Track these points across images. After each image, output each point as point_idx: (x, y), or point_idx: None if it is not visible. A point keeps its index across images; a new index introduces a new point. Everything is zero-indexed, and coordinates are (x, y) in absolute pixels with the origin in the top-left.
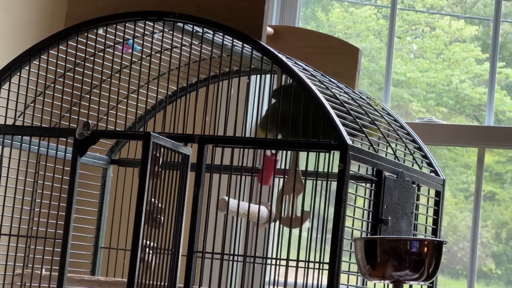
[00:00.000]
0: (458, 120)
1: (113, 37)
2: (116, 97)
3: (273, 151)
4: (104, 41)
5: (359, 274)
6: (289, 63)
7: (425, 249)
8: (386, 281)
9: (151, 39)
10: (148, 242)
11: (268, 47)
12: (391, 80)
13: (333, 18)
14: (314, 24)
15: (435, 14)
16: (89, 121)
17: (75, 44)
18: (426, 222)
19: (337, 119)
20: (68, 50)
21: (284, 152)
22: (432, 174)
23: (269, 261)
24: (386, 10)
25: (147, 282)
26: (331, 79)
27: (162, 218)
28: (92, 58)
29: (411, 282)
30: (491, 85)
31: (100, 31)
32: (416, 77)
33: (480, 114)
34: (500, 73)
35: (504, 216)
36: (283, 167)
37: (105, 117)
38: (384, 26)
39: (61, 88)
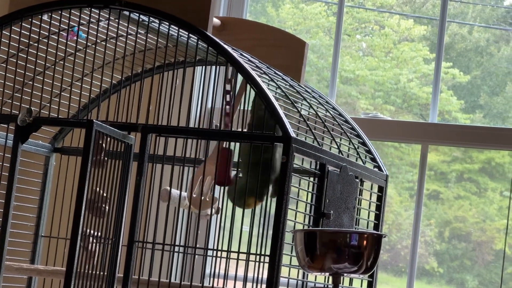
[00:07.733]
0: (405, 119)
1: (58, 24)
2: (60, 85)
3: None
4: (48, 27)
5: (300, 267)
6: (235, 54)
7: (364, 242)
8: (325, 274)
9: (96, 27)
10: (89, 231)
11: (214, 38)
12: (337, 76)
13: (283, 14)
14: (264, 19)
15: (385, 13)
16: (32, 108)
17: (19, 30)
18: (368, 217)
19: (281, 112)
20: (12, 35)
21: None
22: (376, 169)
23: (210, 252)
24: (336, 7)
25: (87, 271)
26: (277, 72)
27: (106, 206)
28: (36, 45)
29: (351, 275)
30: (436, 82)
31: (45, 17)
32: (365, 75)
33: (427, 114)
34: (447, 73)
35: (448, 215)
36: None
37: (48, 105)
38: (334, 23)
39: (3, 74)
